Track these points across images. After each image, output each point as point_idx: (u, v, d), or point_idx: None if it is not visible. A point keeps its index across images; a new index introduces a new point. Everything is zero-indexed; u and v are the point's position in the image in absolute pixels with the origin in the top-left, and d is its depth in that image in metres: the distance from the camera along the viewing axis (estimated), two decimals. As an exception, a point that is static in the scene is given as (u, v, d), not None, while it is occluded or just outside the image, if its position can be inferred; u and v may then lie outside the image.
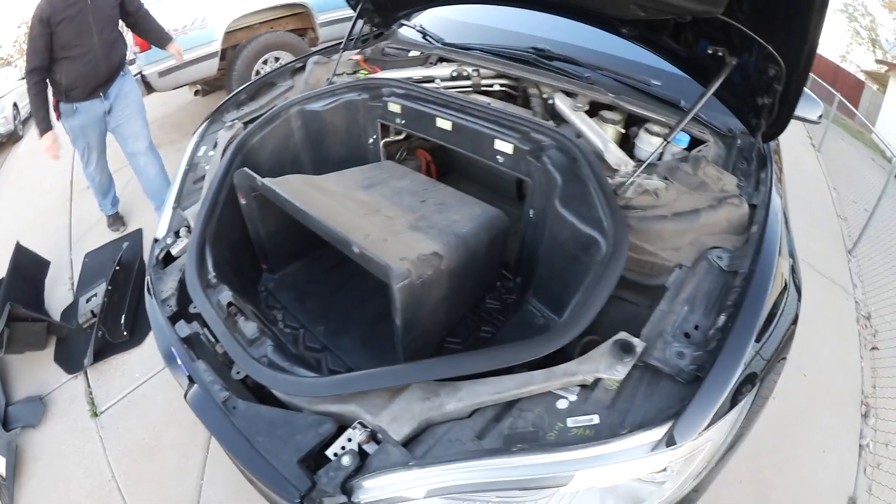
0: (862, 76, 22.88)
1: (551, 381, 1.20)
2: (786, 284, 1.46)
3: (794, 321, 1.44)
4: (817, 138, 8.96)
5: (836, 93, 10.79)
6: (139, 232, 4.05)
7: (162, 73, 4.87)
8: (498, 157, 1.99)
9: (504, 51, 2.56)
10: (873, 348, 4.09)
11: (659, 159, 1.98)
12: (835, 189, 7.06)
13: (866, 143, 12.27)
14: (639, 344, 1.25)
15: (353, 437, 1.21)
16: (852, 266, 5.13)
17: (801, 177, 6.88)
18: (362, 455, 1.19)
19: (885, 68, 19.46)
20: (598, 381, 1.21)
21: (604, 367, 1.21)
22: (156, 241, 1.98)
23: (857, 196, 6.82)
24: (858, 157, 9.59)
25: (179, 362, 1.54)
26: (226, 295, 1.64)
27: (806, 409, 3.25)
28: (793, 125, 1.78)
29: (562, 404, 1.18)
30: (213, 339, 1.59)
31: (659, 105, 2.15)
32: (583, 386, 1.22)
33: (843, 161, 8.65)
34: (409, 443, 1.20)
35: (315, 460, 1.22)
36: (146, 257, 1.91)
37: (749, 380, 1.21)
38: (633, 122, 2.22)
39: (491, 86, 2.57)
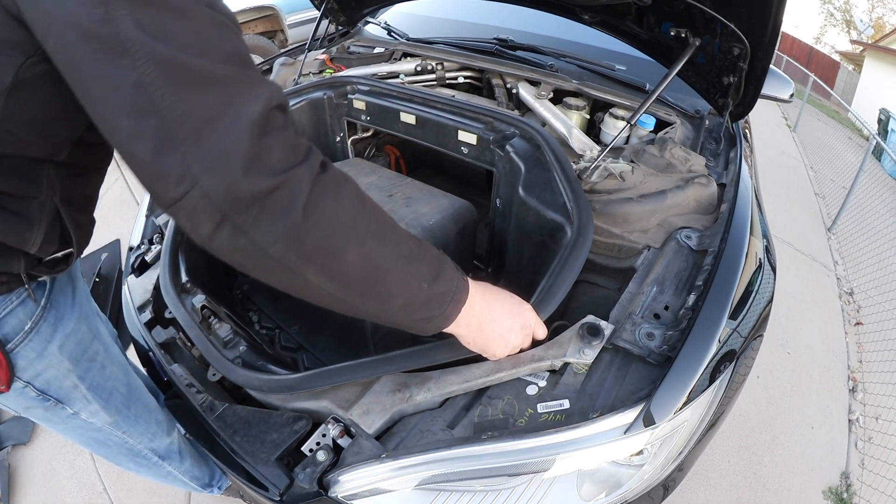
0: (837, 57, 23.15)
1: (519, 367, 1.20)
2: (760, 263, 1.47)
3: (770, 300, 1.45)
4: (793, 118, 9.04)
5: (810, 73, 10.91)
6: (117, 242, 4.00)
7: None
8: (462, 148, 1.99)
9: (467, 43, 2.56)
10: (857, 323, 4.14)
11: (626, 143, 1.99)
12: (812, 168, 7.13)
13: (842, 123, 12.45)
14: (606, 326, 1.25)
15: (327, 432, 1.20)
16: (832, 243, 5.18)
17: (777, 157, 6.95)
18: (337, 450, 1.18)
19: (860, 49, 19.69)
20: (566, 365, 1.21)
21: (571, 351, 1.21)
22: (131, 249, 1.98)
23: (835, 174, 6.90)
24: (835, 136, 9.69)
25: (157, 367, 1.54)
26: (199, 298, 1.63)
27: (792, 387, 3.28)
28: (767, 106, 1.81)
29: (531, 390, 1.18)
30: (188, 343, 1.58)
31: (624, 89, 2.16)
32: (552, 371, 1.22)
33: (819, 140, 8.74)
34: (382, 435, 1.20)
35: (293, 457, 1.22)
36: (124, 266, 1.92)
37: (727, 357, 1.21)
38: (599, 108, 2.24)
39: (455, 78, 2.58)
